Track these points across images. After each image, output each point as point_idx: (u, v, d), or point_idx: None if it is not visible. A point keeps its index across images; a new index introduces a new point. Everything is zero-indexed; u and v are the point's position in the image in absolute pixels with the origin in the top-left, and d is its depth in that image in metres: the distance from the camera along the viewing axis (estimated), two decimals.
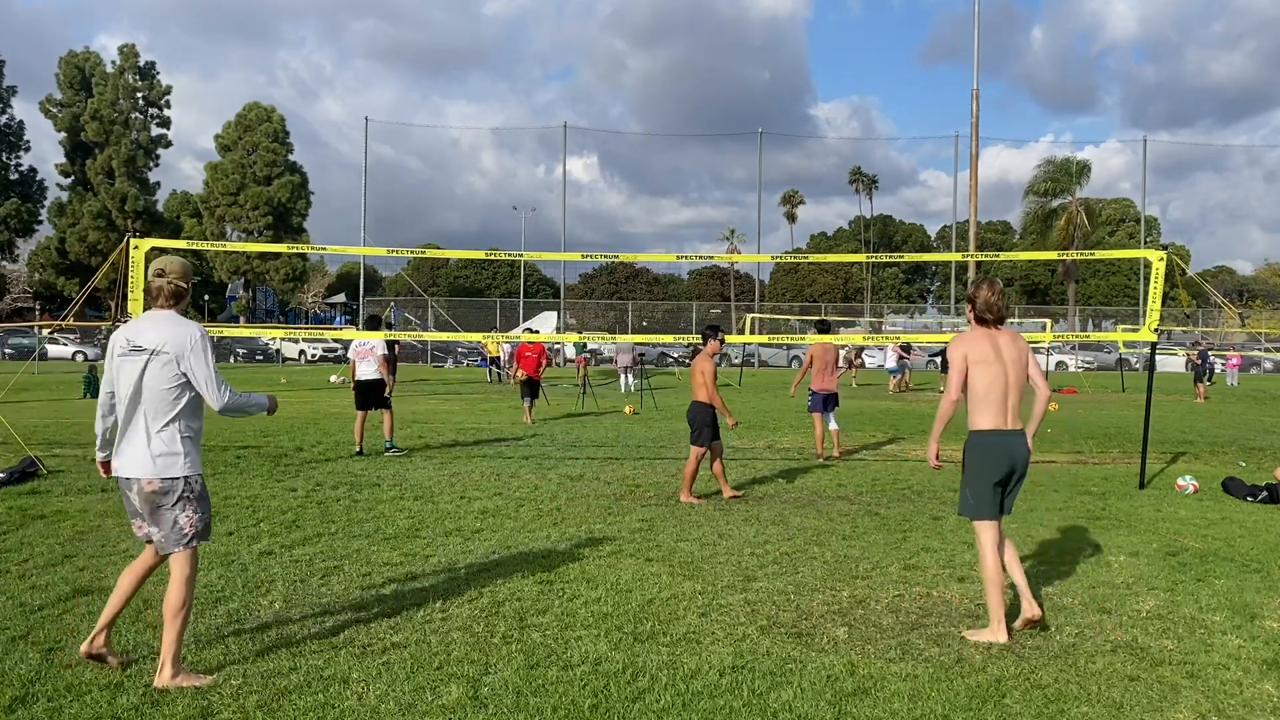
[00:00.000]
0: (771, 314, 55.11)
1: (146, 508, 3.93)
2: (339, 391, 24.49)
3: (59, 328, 45.04)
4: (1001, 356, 4.58)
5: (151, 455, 3.88)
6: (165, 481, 3.90)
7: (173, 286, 4.01)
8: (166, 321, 3.96)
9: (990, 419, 4.57)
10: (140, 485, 3.89)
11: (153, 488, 3.89)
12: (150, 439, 3.89)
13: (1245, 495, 8.76)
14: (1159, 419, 17.15)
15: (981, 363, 4.56)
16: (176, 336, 3.91)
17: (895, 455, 12.04)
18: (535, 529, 7.09)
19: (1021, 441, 4.62)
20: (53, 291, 63.26)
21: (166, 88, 62.92)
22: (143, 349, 3.90)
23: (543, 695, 3.84)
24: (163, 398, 3.90)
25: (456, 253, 28.55)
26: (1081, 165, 57.55)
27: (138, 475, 3.90)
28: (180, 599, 3.92)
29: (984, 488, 4.59)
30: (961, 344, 4.65)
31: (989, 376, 4.55)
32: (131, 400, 3.91)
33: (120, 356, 3.94)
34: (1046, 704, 3.84)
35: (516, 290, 69.79)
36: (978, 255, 20.46)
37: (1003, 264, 75.63)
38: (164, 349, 3.89)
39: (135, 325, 4.00)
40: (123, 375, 3.93)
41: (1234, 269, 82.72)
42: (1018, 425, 4.63)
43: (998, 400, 4.54)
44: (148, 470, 3.88)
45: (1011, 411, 4.58)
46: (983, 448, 4.59)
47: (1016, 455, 4.59)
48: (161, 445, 3.89)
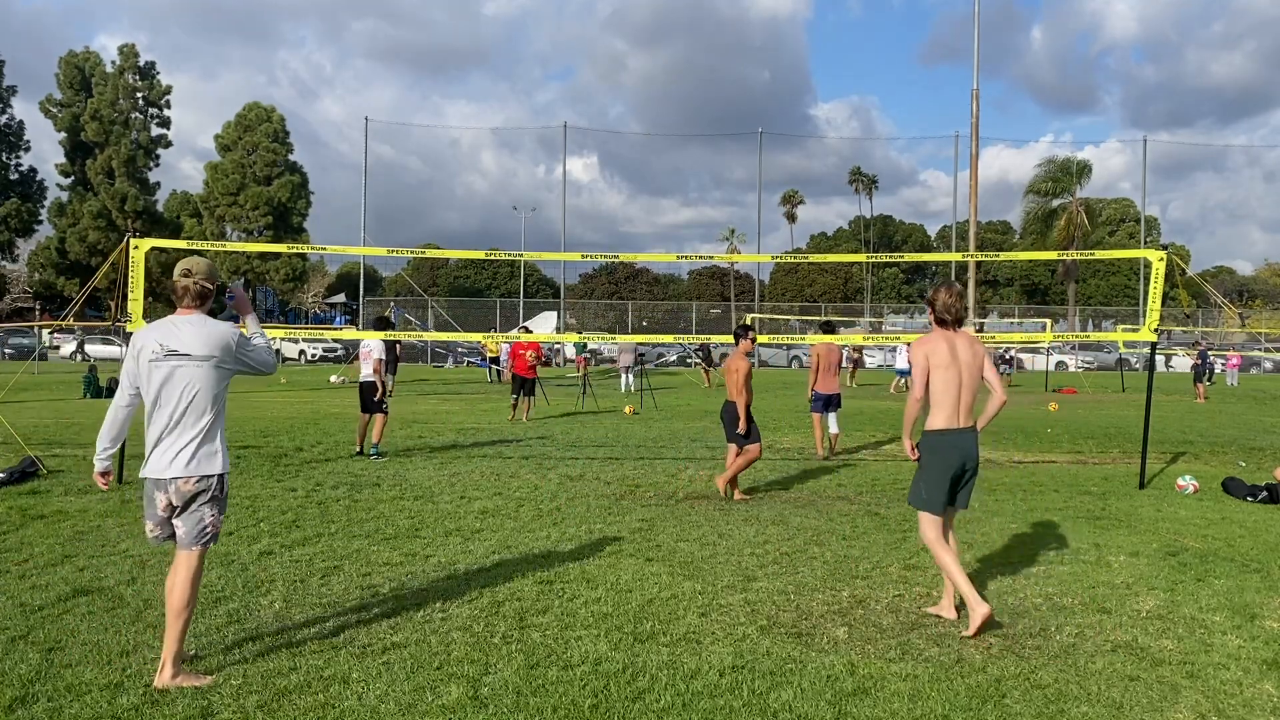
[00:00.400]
0: (771, 314, 55.10)
1: (180, 506, 3.97)
2: (339, 391, 24.49)
3: (59, 327, 45.04)
4: (958, 358, 4.78)
5: (193, 455, 3.93)
6: (204, 480, 3.95)
7: (199, 287, 4.02)
8: (198, 324, 3.99)
9: (944, 419, 4.77)
10: (179, 485, 3.92)
11: (189, 486, 3.93)
12: (191, 440, 3.93)
13: (1245, 495, 8.76)
14: (1159, 419, 17.15)
15: (940, 366, 4.76)
16: (215, 338, 3.96)
17: (895, 455, 12.04)
18: (535, 529, 7.09)
19: (973, 439, 4.83)
20: (53, 291, 63.25)
21: (166, 88, 62.92)
22: (178, 353, 3.92)
23: (543, 695, 3.84)
24: (201, 399, 3.94)
25: (456, 253, 28.54)
26: (1082, 165, 57.53)
27: (176, 475, 3.92)
28: (185, 597, 3.93)
29: (936, 483, 4.81)
30: (923, 346, 4.83)
31: (946, 378, 4.75)
32: (166, 403, 3.93)
33: (152, 361, 3.94)
34: (1046, 704, 3.84)
35: (516, 290, 69.79)
36: (978, 255, 20.45)
37: (1003, 264, 75.68)
38: (202, 352, 3.93)
39: (166, 329, 3.98)
40: (156, 379, 3.94)
41: (1234, 269, 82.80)
42: (969, 423, 4.83)
43: (952, 401, 4.75)
44: (189, 469, 3.92)
45: (964, 411, 4.80)
46: (937, 446, 4.79)
47: (968, 452, 4.81)
48: (202, 445, 3.95)
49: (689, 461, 11.12)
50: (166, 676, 3.87)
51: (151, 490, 3.98)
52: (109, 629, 4.56)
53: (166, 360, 3.92)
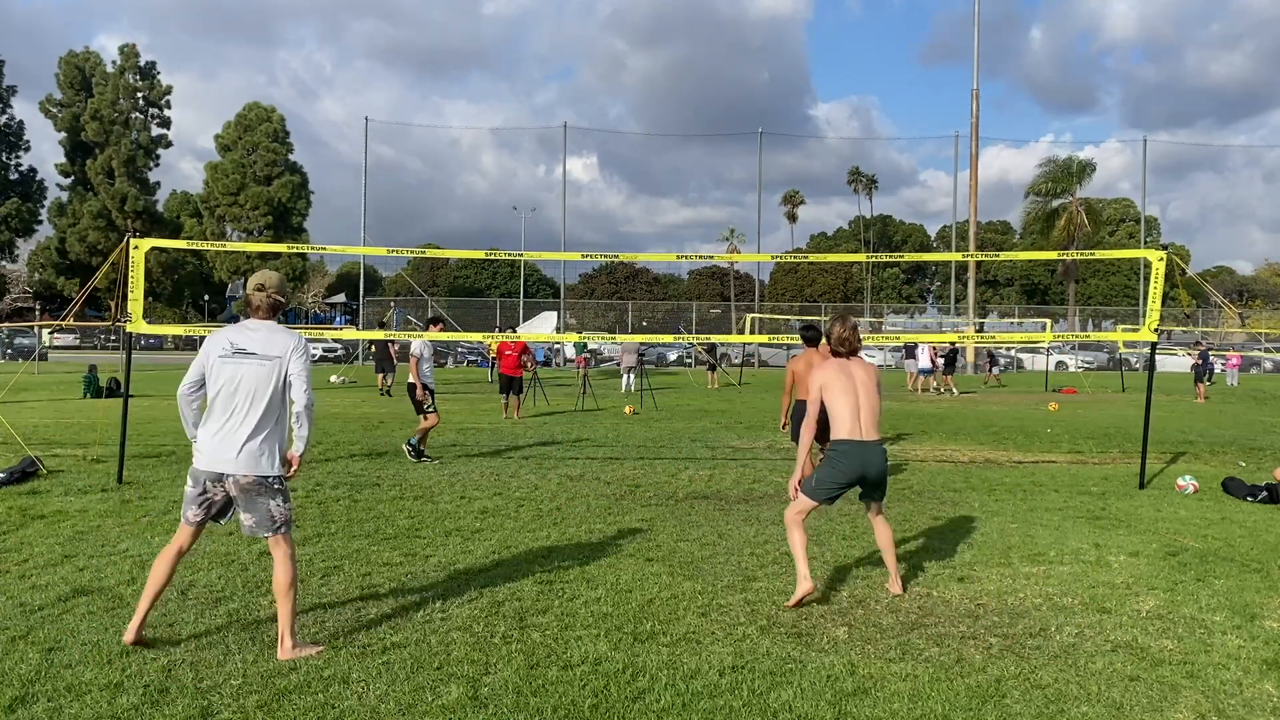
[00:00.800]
0: (771, 314, 55.08)
1: (242, 498, 4.21)
2: (338, 391, 24.50)
3: (59, 327, 45.03)
4: (853, 379, 5.30)
5: (251, 452, 4.17)
6: (260, 478, 4.20)
7: (271, 300, 4.35)
8: (269, 329, 4.31)
9: (846, 431, 5.24)
10: (238, 479, 4.17)
11: (249, 481, 4.18)
12: (251, 436, 4.17)
13: (1245, 495, 8.76)
14: (1159, 419, 17.15)
15: (836, 388, 5.27)
16: (282, 342, 4.27)
17: (895, 455, 12.04)
18: (535, 529, 7.09)
19: (876, 452, 5.28)
20: (53, 291, 63.27)
21: (167, 88, 62.95)
22: (250, 353, 4.22)
23: (543, 695, 3.84)
24: (262, 397, 4.20)
25: (456, 253, 28.53)
26: (1083, 165, 57.44)
27: (235, 472, 4.17)
28: (289, 577, 4.26)
29: (829, 482, 5.27)
30: (818, 374, 5.35)
31: (843, 398, 5.25)
32: (229, 398, 4.19)
33: (221, 358, 4.23)
34: (1046, 704, 3.84)
35: (516, 290, 69.78)
36: (978, 255, 20.46)
37: (1003, 264, 75.66)
38: (272, 354, 4.23)
39: (238, 331, 4.31)
40: (224, 375, 4.21)
41: (1234, 269, 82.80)
42: (873, 437, 5.28)
43: (851, 416, 5.24)
44: (247, 467, 4.17)
45: (865, 425, 5.26)
46: (840, 453, 5.25)
47: (869, 462, 5.25)
48: (261, 443, 4.19)
49: (689, 461, 11.12)
50: (287, 648, 4.22)
51: (205, 479, 4.22)
52: (109, 629, 4.55)
53: (233, 358, 4.22)
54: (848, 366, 5.35)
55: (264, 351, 4.22)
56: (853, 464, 5.20)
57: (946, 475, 10.19)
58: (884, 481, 5.38)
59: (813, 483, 5.29)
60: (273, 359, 4.22)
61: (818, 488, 5.26)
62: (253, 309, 4.36)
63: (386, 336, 23.42)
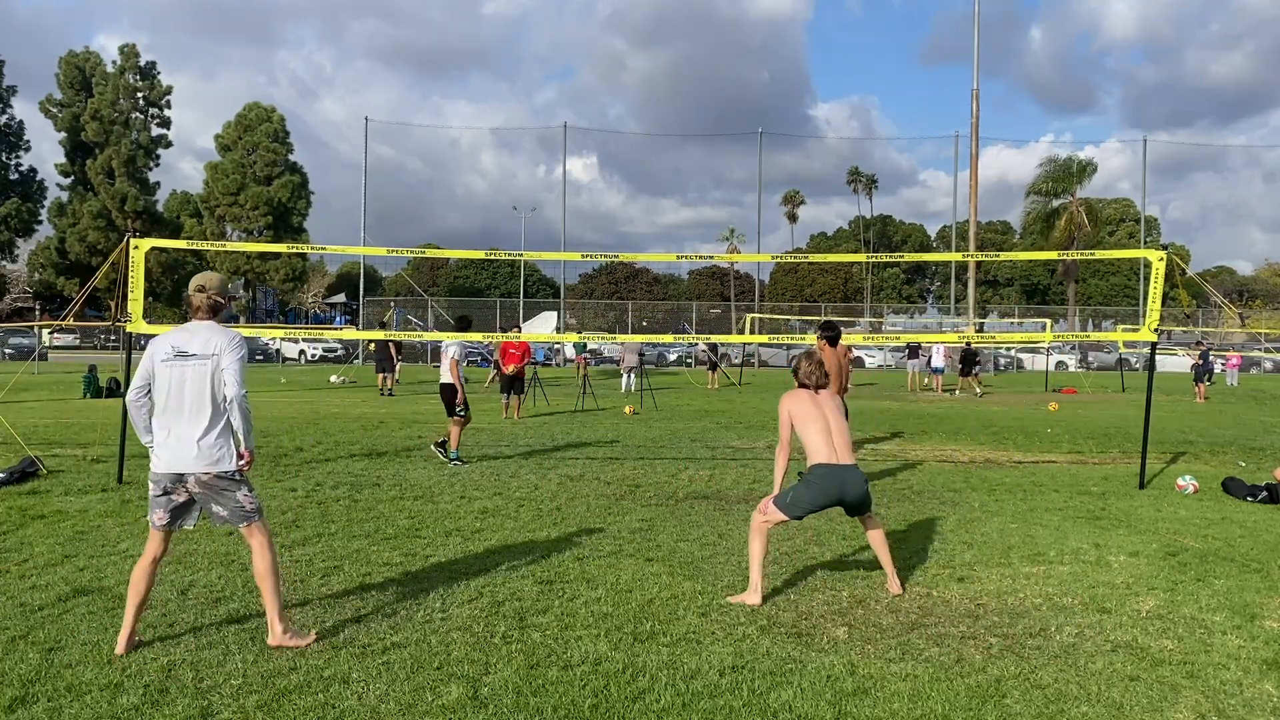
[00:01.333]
0: (771, 314, 55.08)
1: (207, 495, 4.32)
2: (338, 391, 24.50)
3: (59, 327, 45.04)
4: (821, 408, 5.48)
5: (207, 449, 4.27)
6: (220, 474, 4.30)
7: (211, 301, 4.45)
8: (209, 329, 4.39)
9: (824, 456, 5.35)
10: (198, 477, 4.28)
11: (209, 478, 4.29)
12: (204, 435, 4.28)
13: (1245, 495, 8.76)
14: (1159, 419, 17.15)
15: (805, 418, 5.44)
16: (217, 340, 4.34)
17: (895, 455, 12.04)
18: (535, 529, 7.09)
19: (855, 474, 5.37)
20: (53, 291, 63.26)
21: (167, 88, 62.92)
22: (190, 354, 4.32)
23: (543, 695, 3.84)
24: (212, 397, 4.30)
25: (456, 253, 28.50)
26: (1083, 165, 57.36)
27: (194, 470, 4.27)
28: (267, 563, 4.38)
29: (805, 502, 5.33)
30: (787, 403, 5.52)
31: (814, 426, 5.41)
32: (180, 400, 4.30)
33: (164, 362, 4.34)
34: (1046, 704, 3.84)
35: (516, 290, 69.79)
36: (978, 255, 20.46)
37: (1002, 264, 75.66)
38: (208, 352, 4.32)
39: (180, 333, 4.40)
40: (169, 378, 4.32)
41: (1234, 269, 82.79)
42: (849, 460, 5.40)
43: (826, 442, 5.38)
44: (205, 464, 4.27)
45: (840, 449, 5.39)
46: (818, 476, 5.33)
47: (848, 485, 5.32)
48: (215, 439, 4.30)
49: (689, 461, 11.12)
50: (278, 634, 4.33)
51: (164, 481, 4.30)
52: (109, 629, 4.55)
53: (174, 361, 4.31)
54: (815, 397, 5.53)
55: (203, 351, 4.32)
56: (831, 487, 5.29)
57: (946, 475, 10.19)
58: (866, 499, 5.46)
59: (788, 499, 5.35)
60: (209, 357, 4.31)
61: (793, 504, 5.32)
62: (193, 310, 4.45)
63: (387, 336, 23.41)
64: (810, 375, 5.58)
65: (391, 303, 55.91)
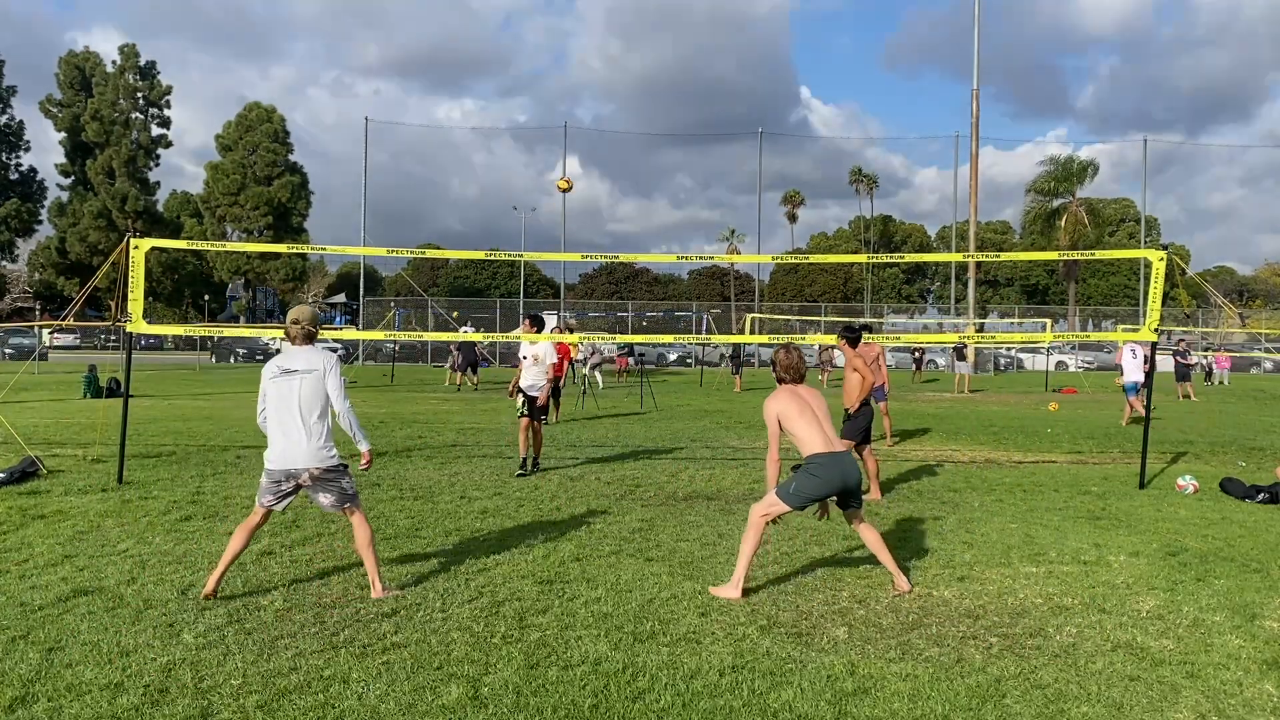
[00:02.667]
0: (771, 314, 55.06)
1: (316, 486, 5.15)
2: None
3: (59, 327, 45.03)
4: (808, 404, 5.48)
5: (310, 450, 5.08)
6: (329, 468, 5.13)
7: (304, 330, 5.22)
8: (308, 352, 5.20)
9: (820, 445, 5.36)
10: (311, 471, 5.08)
11: (320, 470, 5.10)
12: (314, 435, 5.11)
13: (1244, 495, 8.75)
14: (1159, 419, 17.14)
15: (795, 413, 5.42)
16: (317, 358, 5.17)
17: (895, 455, 12.04)
18: (535, 529, 7.09)
19: (851, 461, 5.42)
20: (53, 291, 63.28)
21: (167, 88, 62.95)
22: (295, 371, 5.12)
23: (543, 695, 3.84)
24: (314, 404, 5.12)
25: (456, 253, 28.48)
26: (1084, 165, 57.30)
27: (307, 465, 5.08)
28: (366, 535, 5.21)
29: (808, 491, 5.33)
30: (773, 405, 5.47)
31: (804, 421, 5.40)
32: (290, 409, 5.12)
33: (271, 379, 5.16)
34: (1046, 704, 3.84)
35: (516, 290, 69.77)
36: (978, 255, 20.45)
37: (1002, 264, 75.63)
38: (311, 367, 5.12)
39: (285, 356, 5.24)
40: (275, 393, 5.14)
41: (1234, 269, 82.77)
42: (842, 448, 5.45)
43: (818, 432, 5.39)
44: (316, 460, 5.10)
45: (833, 438, 5.44)
46: (819, 465, 5.33)
47: (847, 472, 5.37)
48: (317, 442, 5.11)
49: (689, 461, 11.12)
50: (378, 590, 5.15)
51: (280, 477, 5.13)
52: (109, 629, 4.56)
53: (282, 377, 5.13)
54: (797, 391, 5.54)
55: (305, 367, 5.11)
56: (832, 474, 5.30)
57: (946, 475, 10.19)
58: (859, 489, 5.48)
59: (790, 489, 5.34)
60: (311, 370, 5.10)
61: (795, 494, 5.32)
62: (292, 340, 5.25)
63: (386, 336, 23.41)
64: (791, 369, 5.59)
65: (392, 303, 55.90)
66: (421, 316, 53.03)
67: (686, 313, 60.21)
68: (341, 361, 6.23)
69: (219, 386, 24.98)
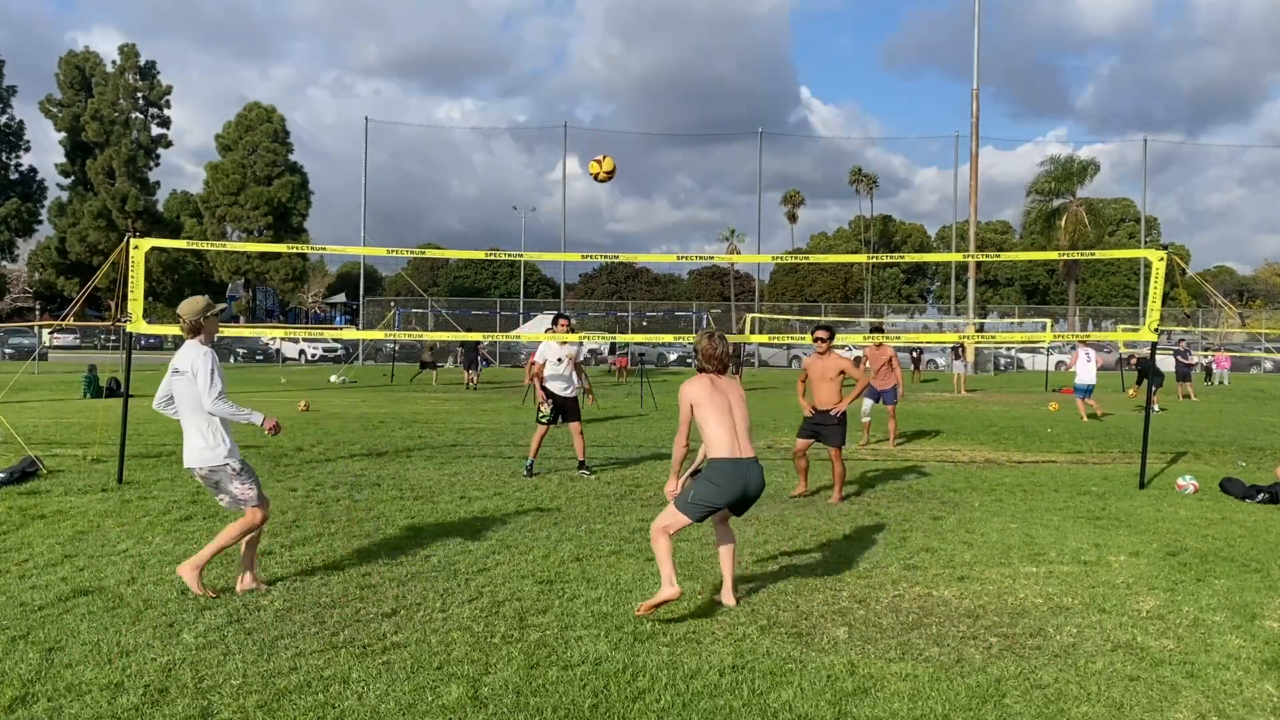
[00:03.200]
0: (771, 314, 55.08)
1: (209, 486, 5.22)
2: (338, 391, 24.50)
3: (59, 327, 45.04)
4: (726, 396, 5.10)
5: (196, 449, 5.17)
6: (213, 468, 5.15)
7: (187, 324, 5.27)
8: (189, 349, 5.24)
9: (726, 449, 4.98)
10: (198, 470, 5.17)
11: (206, 470, 5.17)
12: (194, 436, 5.19)
13: (1244, 495, 8.75)
14: (1159, 419, 17.14)
15: (708, 406, 5.03)
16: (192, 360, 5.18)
17: (895, 455, 12.04)
18: (535, 529, 7.09)
19: (757, 469, 5.03)
20: (53, 291, 63.29)
21: (167, 88, 62.94)
22: (178, 371, 5.23)
23: (543, 695, 3.84)
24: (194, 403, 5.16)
25: (456, 253, 28.51)
26: (1085, 165, 57.27)
27: (193, 465, 5.18)
28: (244, 527, 5.21)
29: (706, 501, 4.95)
30: (688, 390, 5.11)
31: (715, 416, 5.02)
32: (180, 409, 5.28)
33: (167, 377, 5.32)
34: (1046, 704, 3.84)
35: (516, 290, 69.79)
36: (978, 255, 20.45)
37: (1002, 264, 75.61)
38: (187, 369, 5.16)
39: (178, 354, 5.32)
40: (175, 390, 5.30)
41: (1234, 269, 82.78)
42: (750, 453, 5.04)
43: (728, 433, 5.00)
44: (199, 459, 5.16)
45: (742, 440, 5.03)
46: (720, 472, 4.96)
47: (751, 480, 4.99)
48: (202, 440, 5.16)
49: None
50: (247, 580, 5.24)
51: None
52: (109, 629, 4.56)
53: (174, 376, 5.24)
54: (718, 382, 5.13)
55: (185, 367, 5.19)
56: (734, 483, 4.93)
57: (946, 475, 10.19)
58: (757, 497, 5.08)
59: (689, 499, 4.97)
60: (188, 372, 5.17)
61: (694, 504, 4.95)
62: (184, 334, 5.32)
63: (386, 336, 23.42)
64: (713, 358, 5.16)
65: (392, 303, 55.92)
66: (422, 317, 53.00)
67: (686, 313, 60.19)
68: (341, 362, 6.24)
69: None
